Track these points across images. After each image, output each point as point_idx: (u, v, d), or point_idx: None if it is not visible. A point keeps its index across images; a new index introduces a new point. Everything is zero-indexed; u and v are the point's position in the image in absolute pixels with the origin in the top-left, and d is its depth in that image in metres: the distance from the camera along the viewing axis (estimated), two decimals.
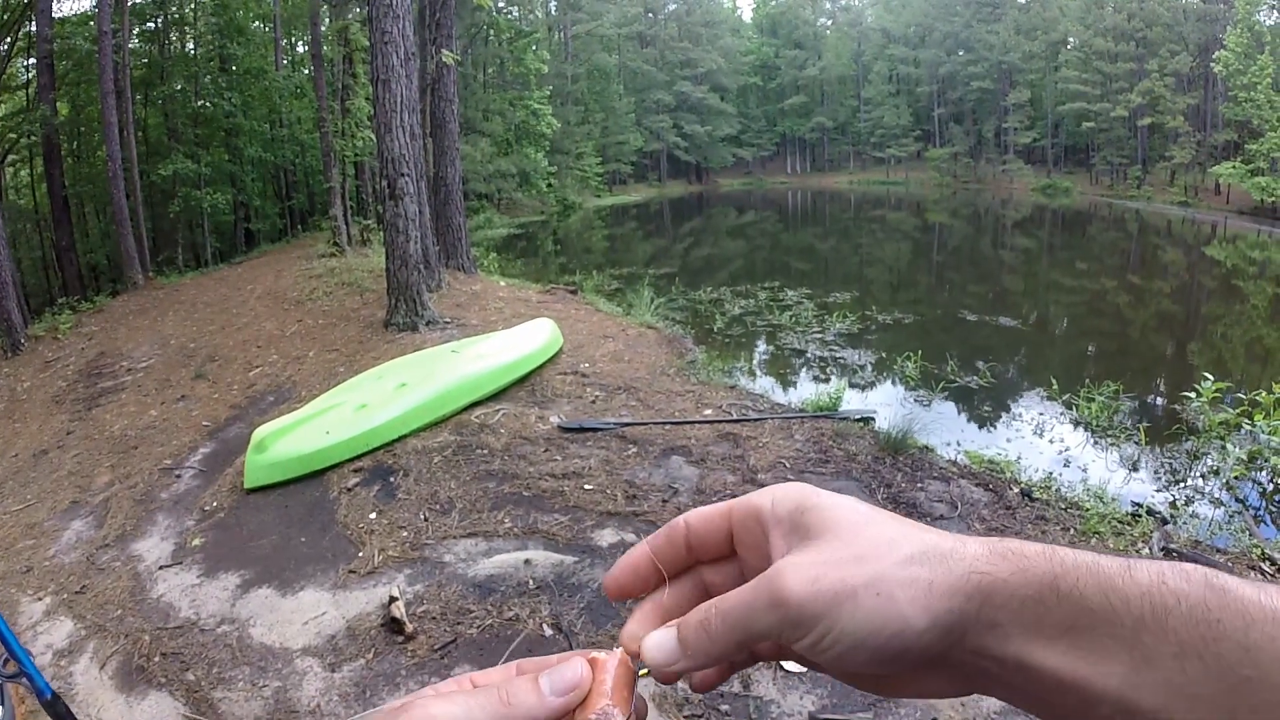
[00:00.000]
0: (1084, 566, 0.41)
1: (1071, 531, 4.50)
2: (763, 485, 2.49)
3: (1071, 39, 49.89)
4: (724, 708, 3.30)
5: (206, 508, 6.07)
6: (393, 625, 3.93)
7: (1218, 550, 4.34)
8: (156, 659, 4.19)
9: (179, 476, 6.89)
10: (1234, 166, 33.29)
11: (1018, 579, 0.42)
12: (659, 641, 0.48)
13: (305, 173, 26.80)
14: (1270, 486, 6.16)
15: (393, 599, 4.11)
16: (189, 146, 21.80)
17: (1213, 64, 34.85)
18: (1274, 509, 5.91)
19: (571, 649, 2.39)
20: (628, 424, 6.40)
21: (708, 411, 6.68)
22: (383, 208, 10.72)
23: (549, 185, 40.40)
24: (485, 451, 6.11)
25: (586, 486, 5.37)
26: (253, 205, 24.63)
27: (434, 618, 4.00)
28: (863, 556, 0.44)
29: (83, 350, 12.31)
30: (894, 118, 60.89)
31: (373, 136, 12.32)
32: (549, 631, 3.83)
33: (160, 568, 5.28)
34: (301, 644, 4.05)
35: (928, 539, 0.45)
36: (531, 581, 4.28)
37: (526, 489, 5.41)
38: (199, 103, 21.96)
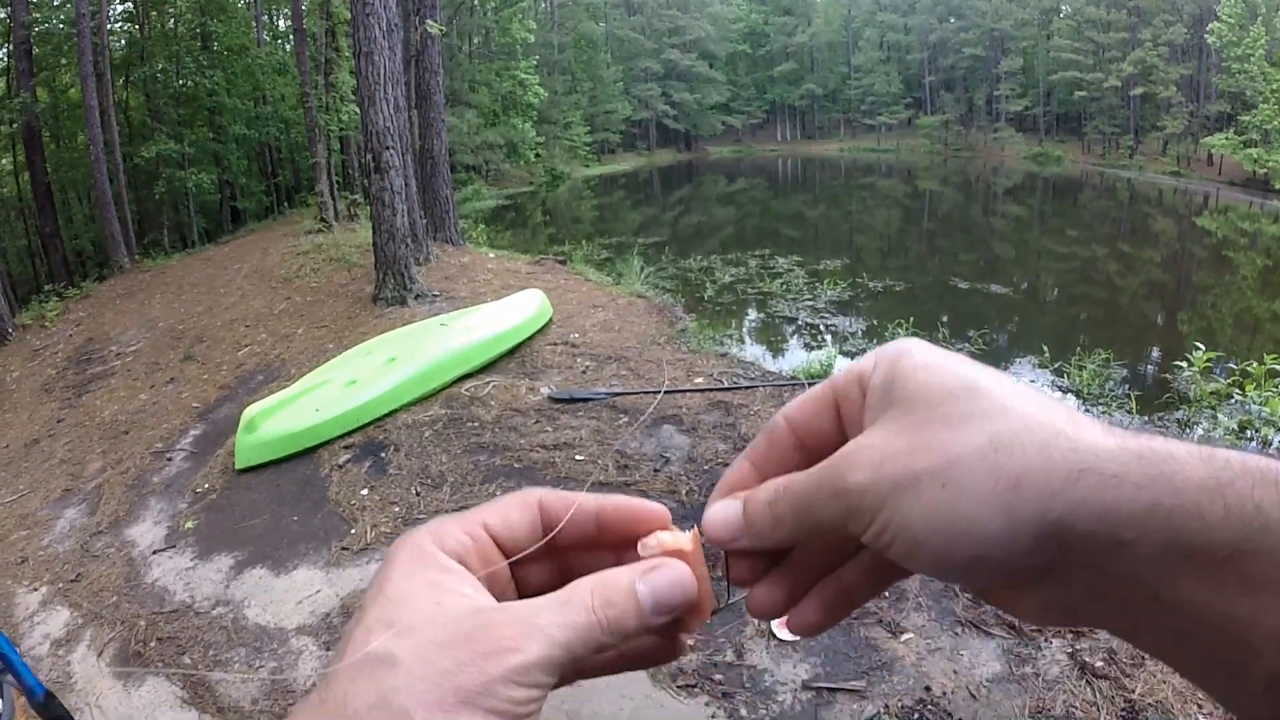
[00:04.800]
0: (1258, 471, 0.33)
1: None
2: None
3: (1064, 6, 49.58)
4: (718, 677, 3.31)
5: (198, 490, 6.06)
6: None
7: None
8: (153, 644, 4.19)
9: (170, 460, 6.87)
10: (1227, 138, 33.17)
11: (1161, 486, 0.33)
12: (722, 516, 0.44)
13: (290, 149, 26.57)
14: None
15: None
16: (172, 127, 21.59)
17: (1207, 35, 34.66)
18: None
19: None
20: (618, 394, 6.38)
21: (699, 380, 6.65)
22: (368, 182, 10.62)
23: (537, 156, 40.10)
24: (476, 424, 6.09)
25: (578, 457, 5.37)
26: (238, 184, 24.48)
27: None
28: (940, 436, 0.37)
29: (71, 337, 12.24)
30: (884, 85, 60.40)
31: (357, 110, 12.19)
32: None
33: (154, 552, 5.28)
34: (296, 623, 4.05)
35: (1034, 416, 0.36)
36: None
37: (518, 461, 5.39)
38: (181, 82, 21.60)
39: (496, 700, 0.36)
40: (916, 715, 3.05)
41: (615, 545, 0.46)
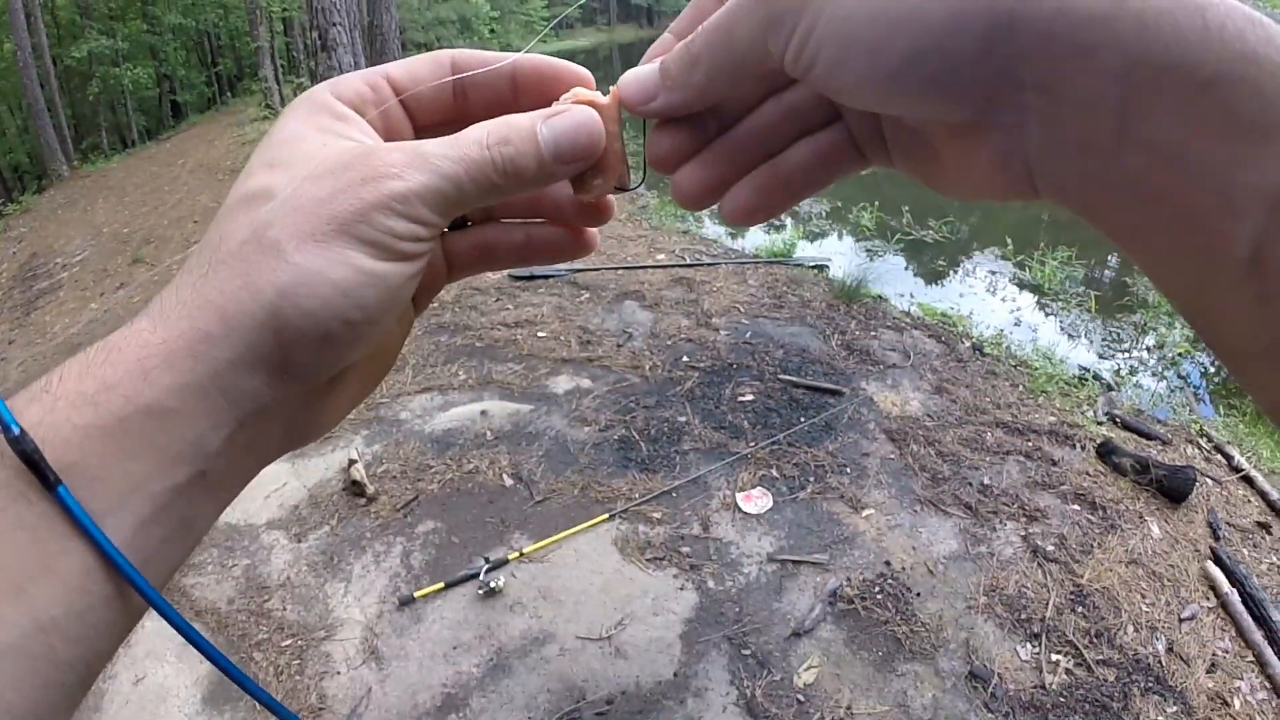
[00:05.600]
0: (1235, 6, 0.26)
1: (1020, 388, 4.59)
2: (718, 329, 2.46)
3: None
4: (685, 549, 3.36)
5: None
6: (354, 488, 3.92)
7: (1159, 421, 4.45)
8: None
9: None
10: None
11: None
12: (637, 73, 0.40)
13: (231, 35, 25.27)
14: (1213, 368, 6.26)
15: (351, 462, 4.08)
16: (103, 22, 20.54)
17: None
18: (1213, 388, 6.01)
19: (533, 497, 2.29)
20: (579, 270, 6.30)
21: (660, 256, 6.61)
22: (314, 63, 10.19)
23: (491, 31, 38.50)
24: (435, 304, 5.96)
25: (540, 334, 5.32)
26: (177, 76, 23.47)
27: (394, 476, 4.00)
28: None
29: (14, 255, 11.83)
30: None
31: None
32: (509, 481, 3.85)
33: None
34: (265, 518, 4.03)
35: None
36: (489, 432, 4.28)
37: (479, 340, 5.33)
38: None
39: (373, 229, 0.34)
40: (877, 589, 3.14)
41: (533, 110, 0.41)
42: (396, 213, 0.34)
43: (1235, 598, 3.07)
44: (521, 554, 3.34)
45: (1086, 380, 4.90)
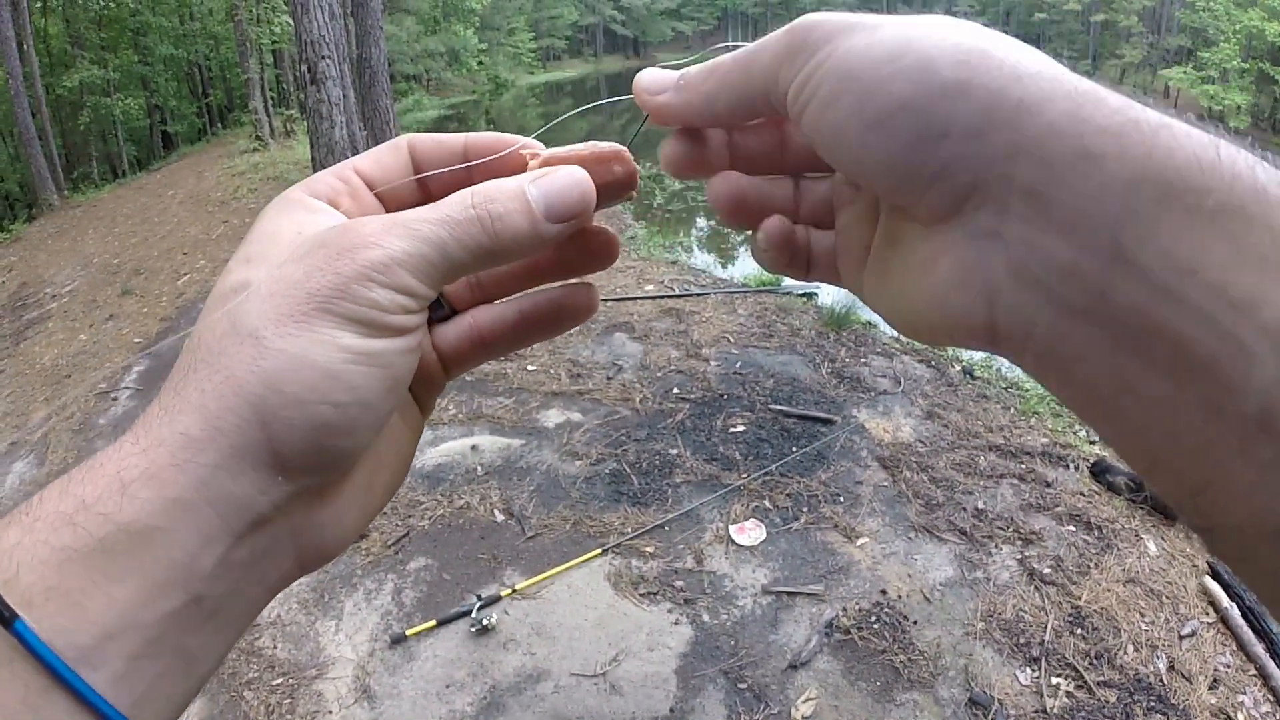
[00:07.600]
0: (1244, 150, 0.25)
1: (1012, 410, 4.59)
2: (708, 360, 2.44)
3: None
4: (679, 584, 3.34)
5: None
6: None
7: None
8: None
9: (115, 399, 6.68)
10: (1185, 72, 32.67)
11: (1146, 114, 0.26)
12: (657, 70, 0.41)
13: (221, 66, 25.40)
14: None
15: None
16: (95, 52, 20.47)
17: None
18: None
19: (524, 533, 2.27)
20: None
21: (649, 287, 6.62)
22: (304, 95, 10.19)
23: (480, 63, 38.69)
24: None
25: (530, 368, 5.30)
26: (168, 107, 23.47)
27: (384, 513, 3.97)
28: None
29: (4, 284, 11.78)
30: None
31: (290, 21, 11.63)
32: (500, 516, 3.83)
33: None
34: None
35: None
36: (480, 468, 4.25)
37: (468, 374, 5.28)
38: (102, 3, 20.43)
39: (354, 304, 0.32)
40: (873, 618, 3.12)
41: None
42: (378, 283, 0.32)
43: (1235, 612, 3.07)
44: (514, 590, 3.32)
45: None
